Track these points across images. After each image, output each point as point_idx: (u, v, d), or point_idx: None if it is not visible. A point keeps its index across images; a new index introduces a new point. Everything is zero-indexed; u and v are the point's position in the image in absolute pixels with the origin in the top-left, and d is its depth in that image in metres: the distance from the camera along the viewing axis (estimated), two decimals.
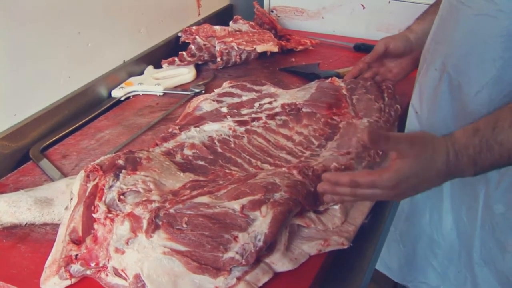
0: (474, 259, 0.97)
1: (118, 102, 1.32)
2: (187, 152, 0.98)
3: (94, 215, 0.78)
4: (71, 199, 0.84)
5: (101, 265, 0.75)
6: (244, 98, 1.18)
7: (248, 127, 1.06)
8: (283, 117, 1.11)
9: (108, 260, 0.75)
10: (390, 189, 0.74)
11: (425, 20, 1.10)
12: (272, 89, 1.23)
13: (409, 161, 0.73)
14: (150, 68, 1.47)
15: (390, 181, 0.73)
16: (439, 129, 0.87)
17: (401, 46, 1.14)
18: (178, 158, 0.96)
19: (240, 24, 1.68)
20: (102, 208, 0.78)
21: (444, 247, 1.02)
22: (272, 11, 1.87)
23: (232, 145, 1.01)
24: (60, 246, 0.79)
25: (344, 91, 1.19)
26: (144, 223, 0.74)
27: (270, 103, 1.15)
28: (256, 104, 1.14)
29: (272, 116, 1.10)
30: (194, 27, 1.59)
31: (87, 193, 0.81)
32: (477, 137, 0.74)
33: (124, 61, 1.41)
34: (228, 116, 1.08)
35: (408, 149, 0.73)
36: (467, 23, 0.83)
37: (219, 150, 0.99)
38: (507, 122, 0.72)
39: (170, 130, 1.05)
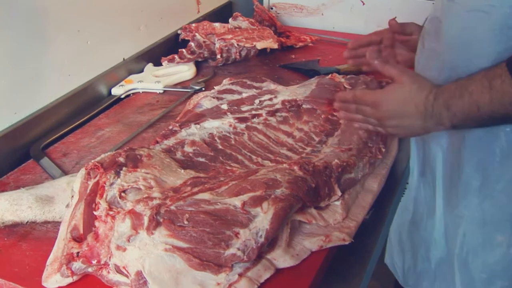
0: (455, 265, 0.96)
1: (118, 100, 1.32)
2: (188, 149, 0.98)
3: (95, 213, 0.78)
4: (72, 196, 0.84)
5: (102, 262, 0.75)
6: (244, 95, 1.18)
7: (249, 123, 1.06)
8: (284, 114, 1.11)
9: (110, 257, 0.75)
10: (375, 107, 0.85)
11: None
12: (272, 86, 1.23)
13: (395, 86, 0.84)
14: (150, 65, 1.47)
15: (375, 98, 0.85)
16: None
17: (418, 30, 1.03)
18: (178, 155, 0.96)
19: (239, 21, 1.67)
20: (103, 205, 0.78)
21: (436, 255, 1.02)
22: (272, 8, 1.87)
23: (233, 142, 1.01)
24: (61, 244, 0.79)
25: (344, 87, 1.19)
26: (145, 220, 0.74)
27: (270, 99, 1.15)
28: (256, 101, 1.14)
29: (272, 113, 1.10)
30: (193, 25, 1.58)
31: (88, 191, 0.81)
32: (454, 84, 0.80)
33: (123, 59, 1.41)
34: (228, 113, 1.08)
35: (398, 75, 0.84)
36: (460, 20, 0.84)
37: (220, 147, 0.99)
38: (480, 75, 0.77)
39: (170, 127, 1.05)
